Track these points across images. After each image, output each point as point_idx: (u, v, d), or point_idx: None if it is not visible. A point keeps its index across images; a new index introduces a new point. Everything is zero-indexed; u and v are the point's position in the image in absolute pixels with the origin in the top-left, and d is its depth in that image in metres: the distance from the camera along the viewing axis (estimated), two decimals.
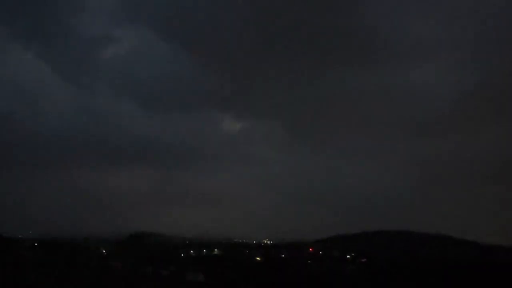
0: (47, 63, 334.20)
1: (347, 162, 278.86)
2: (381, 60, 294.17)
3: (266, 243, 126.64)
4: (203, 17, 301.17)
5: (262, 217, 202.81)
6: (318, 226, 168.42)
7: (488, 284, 53.12)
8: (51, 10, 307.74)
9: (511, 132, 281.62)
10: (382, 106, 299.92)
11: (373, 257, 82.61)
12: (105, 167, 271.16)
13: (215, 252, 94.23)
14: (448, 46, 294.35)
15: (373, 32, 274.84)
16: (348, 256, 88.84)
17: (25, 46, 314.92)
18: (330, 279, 63.61)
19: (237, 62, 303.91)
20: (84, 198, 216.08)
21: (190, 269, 70.13)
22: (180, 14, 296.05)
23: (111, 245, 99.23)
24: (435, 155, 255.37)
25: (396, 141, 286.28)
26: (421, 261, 72.01)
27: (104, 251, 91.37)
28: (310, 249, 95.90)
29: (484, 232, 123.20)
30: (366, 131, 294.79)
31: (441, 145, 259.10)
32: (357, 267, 76.55)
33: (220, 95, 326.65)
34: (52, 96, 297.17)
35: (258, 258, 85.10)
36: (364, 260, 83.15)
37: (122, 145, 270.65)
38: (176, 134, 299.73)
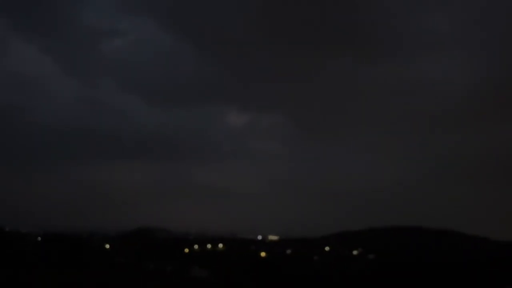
0: (49, 56, 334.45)
1: (355, 156, 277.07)
2: (391, 53, 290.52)
3: (271, 239, 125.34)
4: (208, 10, 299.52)
5: (268, 212, 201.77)
6: (324, 222, 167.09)
7: (501, 281, 51.81)
8: (54, 2, 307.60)
9: None
10: (391, 99, 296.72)
11: (381, 253, 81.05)
12: (108, 162, 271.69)
13: (220, 248, 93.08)
14: (460, 40, 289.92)
15: (383, 24, 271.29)
16: (355, 253, 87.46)
17: (27, 39, 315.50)
18: (336, 276, 62.31)
19: (242, 54, 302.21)
20: (87, 193, 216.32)
21: (194, 265, 69.20)
22: (184, 6, 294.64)
23: (114, 240, 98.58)
24: (446, 150, 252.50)
25: (405, 136, 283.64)
26: (431, 258, 70.39)
27: (107, 246, 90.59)
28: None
29: (496, 228, 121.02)
30: (375, 125, 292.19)
31: (452, 140, 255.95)
32: (365, 263, 75.14)
33: (225, 88, 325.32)
34: (54, 89, 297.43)
35: (263, 254, 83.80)
36: (372, 256, 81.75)
37: (125, 139, 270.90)
38: (180, 127, 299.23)
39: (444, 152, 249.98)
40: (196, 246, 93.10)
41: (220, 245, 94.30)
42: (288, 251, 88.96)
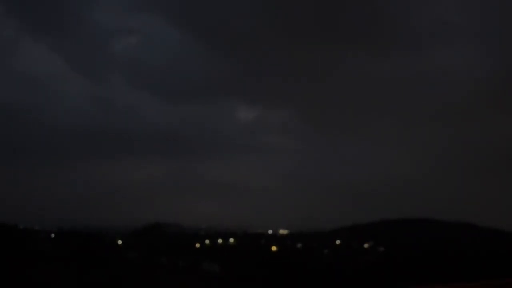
0: (59, 55, 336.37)
1: (365, 149, 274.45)
2: (399, 45, 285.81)
3: (282, 233, 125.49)
4: (218, 6, 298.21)
5: (278, 206, 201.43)
6: (335, 215, 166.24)
7: None
8: (64, 0, 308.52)
9: None
10: (401, 92, 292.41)
11: (392, 246, 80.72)
12: (119, 158, 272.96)
13: (231, 242, 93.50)
14: (474, 33, 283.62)
15: (392, 16, 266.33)
16: (366, 246, 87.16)
17: (37, 38, 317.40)
18: (347, 269, 62.28)
19: (251, 50, 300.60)
20: (99, 190, 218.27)
21: (206, 259, 69.70)
22: (194, 2, 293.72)
23: (126, 236, 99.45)
24: (458, 141, 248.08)
25: (415, 127, 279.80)
26: (443, 251, 69.85)
27: (119, 242, 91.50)
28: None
29: (510, 219, 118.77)
30: (384, 118, 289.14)
31: (464, 131, 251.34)
32: (376, 256, 74.94)
33: (234, 84, 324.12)
34: (65, 88, 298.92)
35: (274, 248, 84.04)
36: (383, 249, 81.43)
37: (135, 135, 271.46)
38: (190, 123, 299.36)
39: (456, 143, 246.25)
40: (207, 241, 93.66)
41: (231, 240, 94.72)
42: (299, 245, 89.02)
